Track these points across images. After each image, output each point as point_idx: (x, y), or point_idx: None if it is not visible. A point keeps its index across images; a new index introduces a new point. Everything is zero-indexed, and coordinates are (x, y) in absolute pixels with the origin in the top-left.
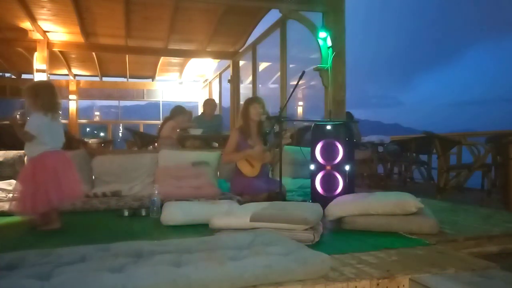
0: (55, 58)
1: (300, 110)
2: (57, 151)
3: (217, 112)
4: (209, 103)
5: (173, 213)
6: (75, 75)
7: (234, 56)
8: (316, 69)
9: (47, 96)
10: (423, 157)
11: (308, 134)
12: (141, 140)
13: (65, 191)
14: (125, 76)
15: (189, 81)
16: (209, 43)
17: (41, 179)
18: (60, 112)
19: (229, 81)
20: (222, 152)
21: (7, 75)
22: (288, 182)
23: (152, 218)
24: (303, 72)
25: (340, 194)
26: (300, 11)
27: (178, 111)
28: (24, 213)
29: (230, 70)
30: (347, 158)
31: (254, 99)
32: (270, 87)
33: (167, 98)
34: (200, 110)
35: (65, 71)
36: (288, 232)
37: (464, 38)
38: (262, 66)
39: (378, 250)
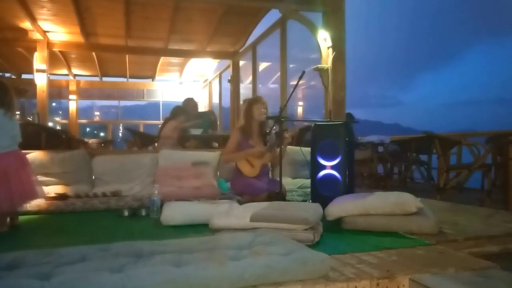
0: (55, 58)
1: (300, 110)
2: (9, 152)
3: (201, 110)
4: (189, 103)
5: (173, 213)
6: (75, 75)
7: (234, 56)
8: (316, 69)
9: None
10: (423, 157)
11: (308, 134)
12: (141, 140)
13: (17, 194)
14: (125, 76)
15: (189, 81)
16: (209, 43)
17: None
18: (30, 118)
19: (229, 81)
20: (222, 152)
21: (7, 75)
22: (288, 182)
23: (152, 218)
24: (303, 72)
25: (340, 194)
26: (300, 11)
27: (179, 111)
28: None
29: (230, 70)
30: (347, 158)
31: (257, 99)
32: (270, 87)
33: (167, 98)
34: (201, 110)
35: (65, 71)
36: (288, 232)
37: (465, 38)
38: (262, 66)
39: (378, 250)
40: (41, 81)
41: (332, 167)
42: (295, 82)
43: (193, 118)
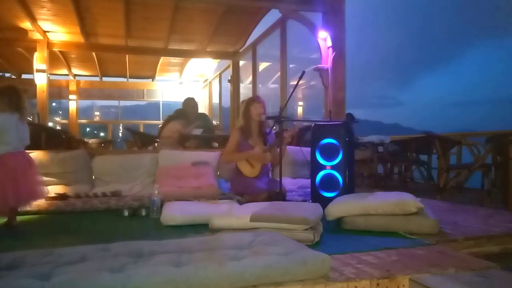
0: (55, 58)
1: (300, 110)
2: (19, 152)
3: (201, 110)
4: (189, 103)
5: (173, 213)
6: (75, 75)
7: (234, 56)
8: (316, 69)
9: (14, 97)
10: (423, 157)
11: (308, 134)
12: (141, 140)
13: (23, 193)
14: (125, 76)
15: (189, 81)
16: (209, 43)
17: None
18: (30, 118)
19: (229, 81)
20: (222, 152)
21: (7, 75)
22: (288, 182)
23: (152, 218)
24: (303, 72)
25: (340, 194)
26: (300, 11)
27: (182, 115)
28: None
29: (230, 70)
30: (347, 158)
31: (255, 99)
32: (270, 87)
33: (167, 98)
34: (201, 110)
35: (65, 71)
36: (288, 232)
37: (465, 38)
38: (262, 66)
39: (378, 250)
40: (41, 81)
41: (332, 167)
42: (295, 82)
43: (194, 119)
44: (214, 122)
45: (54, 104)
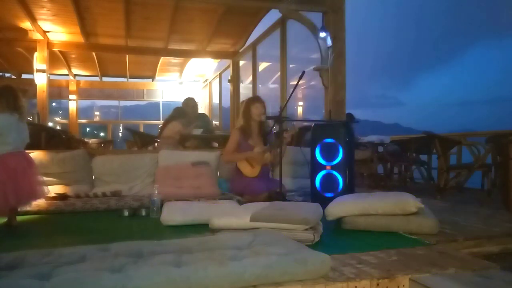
0: (55, 58)
1: (300, 110)
2: (19, 152)
3: (201, 110)
4: (189, 103)
5: (173, 213)
6: (75, 75)
7: (234, 56)
8: (316, 69)
9: (11, 97)
10: (423, 157)
11: (308, 134)
12: (141, 140)
13: (24, 192)
14: (125, 76)
15: (189, 81)
16: (209, 43)
17: (0, 179)
18: (30, 118)
19: (229, 81)
20: (222, 152)
21: (7, 75)
22: (288, 182)
23: (152, 218)
24: (303, 72)
25: (340, 194)
26: (300, 11)
27: (181, 114)
28: None
29: (230, 70)
30: (347, 158)
31: (255, 99)
32: (270, 87)
33: (167, 98)
34: (201, 110)
35: (65, 71)
36: (288, 232)
37: (465, 38)
38: (262, 66)
39: (378, 250)
40: (41, 81)
41: (332, 167)
42: (295, 82)
43: (193, 119)
44: (214, 122)
45: (54, 104)
